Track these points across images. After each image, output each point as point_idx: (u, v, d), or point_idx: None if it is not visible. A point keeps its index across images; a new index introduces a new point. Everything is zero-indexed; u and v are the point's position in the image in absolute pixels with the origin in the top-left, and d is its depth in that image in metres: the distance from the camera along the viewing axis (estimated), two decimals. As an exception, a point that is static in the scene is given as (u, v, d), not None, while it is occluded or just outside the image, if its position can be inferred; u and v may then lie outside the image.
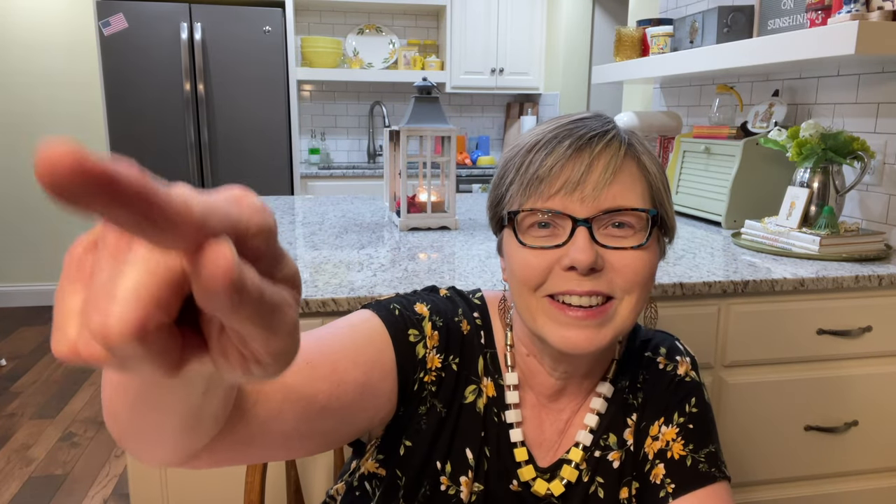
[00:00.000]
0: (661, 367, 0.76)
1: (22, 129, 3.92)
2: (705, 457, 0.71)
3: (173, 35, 3.25)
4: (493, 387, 0.73)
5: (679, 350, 0.78)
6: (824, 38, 1.40)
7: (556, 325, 0.64)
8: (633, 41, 2.29)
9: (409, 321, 0.70)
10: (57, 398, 2.83)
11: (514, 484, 0.72)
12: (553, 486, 0.71)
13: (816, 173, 1.53)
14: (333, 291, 1.18)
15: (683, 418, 0.73)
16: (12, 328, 3.70)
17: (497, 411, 0.72)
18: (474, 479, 0.71)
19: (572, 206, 0.63)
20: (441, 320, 0.71)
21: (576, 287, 0.63)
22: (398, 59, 3.96)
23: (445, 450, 0.70)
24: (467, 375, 0.72)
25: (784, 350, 1.37)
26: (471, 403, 0.72)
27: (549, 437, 0.73)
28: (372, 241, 1.62)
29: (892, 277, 1.36)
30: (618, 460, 0.72)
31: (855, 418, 1.43)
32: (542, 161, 0.64)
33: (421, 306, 0.72)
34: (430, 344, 0.70)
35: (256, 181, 3.46)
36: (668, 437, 0.72)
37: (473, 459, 0.70)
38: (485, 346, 0.74)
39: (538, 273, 0.64)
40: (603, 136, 0.64)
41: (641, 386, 0.75)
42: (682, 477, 0.70)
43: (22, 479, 2.23)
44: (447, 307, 0.74)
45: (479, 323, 0.75)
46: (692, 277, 1.29)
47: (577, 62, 3.84)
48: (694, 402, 0.74)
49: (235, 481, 1.20)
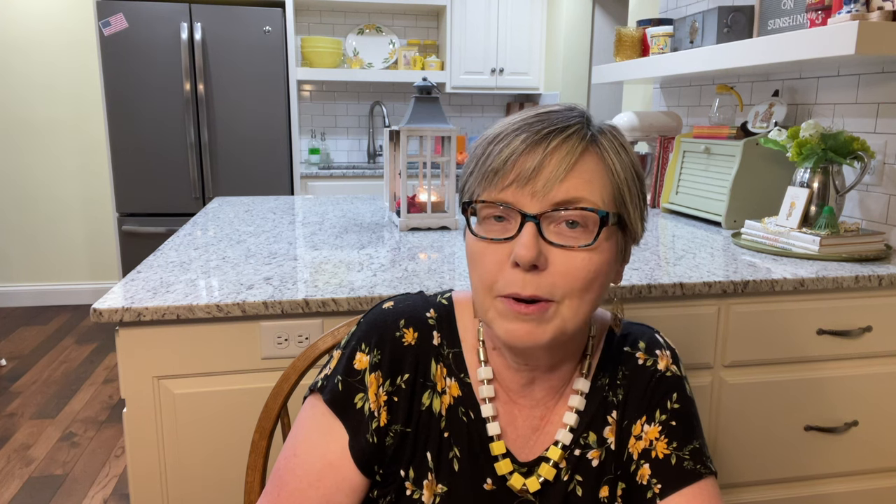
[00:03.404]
0: (640, 363, 0.74)
1: (22, 129, 3.92)
2: (690, 454, 0.70)
3: (173, 35, 3.25)
4: (458, 386, 0.73)
5: (659, 343, 0.76)
6: (824, 38, 1.40)
7: (503, 319, 0.64)
8: (633, 41, 2.29)
9: (353, 390, 0.71)
10: (57, 398, 2.83)
11: (488, 482, 0.71)
12: (529, 483, 0.71)
13: (816, 173, 1.53)
14: (333, 291, 1.18)
15: (666, 416, 0.72)
16: (12, 328, 3.70)
17: (465, 410, 0.72)
18: (437, 480, 0.71)
19: (523, 200, 0.63)
20: (378, 353, 0.72)
21: (519, 290, 0.62)
22: (398, 59, 3.96)
23: (409, 457, 0.72)
24: (422, 383, 0.72)
25: (784, 350, 1.37)
26: (428, 408, 0.72)
27: (523, 433, 0.73)
28: (372, 241, 1.62)
29: (892, 277, 1.36)
30: (597, 459, 0.72)
31: (855, 418, 1.43)
32: (499, 153, 0.64)
33: (360, 357, 0.72)
34: (372, 392, 0.71)
35: (256, 181, 3.46)
36: (652, 437, 0.71)
37: (433, 461, 0.71)
38: (442, 346, 0.74)
39: (491, 269, 0.64)
40: (563, 130, 0.63)
41: (622, 382, 0.74)
42: (668, 476, 0.69)
43: (22, 479, 2.23)
44: (386, 326, 0.73)
45: (434, 324, 0.74)
46: (692, 277, 1.29)
47: (577, 62, 3.84)
48: (676, 397, 0.73)
49: (235, 481, 1.20)
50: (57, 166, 4.00)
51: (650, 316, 1.29)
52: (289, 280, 1.25)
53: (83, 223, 4.10)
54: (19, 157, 3.96)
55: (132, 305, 1.09)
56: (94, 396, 2.85)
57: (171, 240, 1.61)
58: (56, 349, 3.39)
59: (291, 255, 1.45)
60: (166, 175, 3.37)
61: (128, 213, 3.38)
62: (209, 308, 1.11)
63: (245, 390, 1.17)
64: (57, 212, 4.05)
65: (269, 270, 1.32)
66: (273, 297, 1.14)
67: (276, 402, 0.92)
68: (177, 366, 1.14)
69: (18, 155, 3.95)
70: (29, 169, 3.98)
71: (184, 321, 1.12)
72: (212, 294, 1.15)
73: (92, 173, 4.05)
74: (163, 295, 1.15)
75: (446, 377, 0.73)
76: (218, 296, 1.14)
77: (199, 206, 3.43)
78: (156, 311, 1.09)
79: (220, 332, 1.14)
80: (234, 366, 1.16)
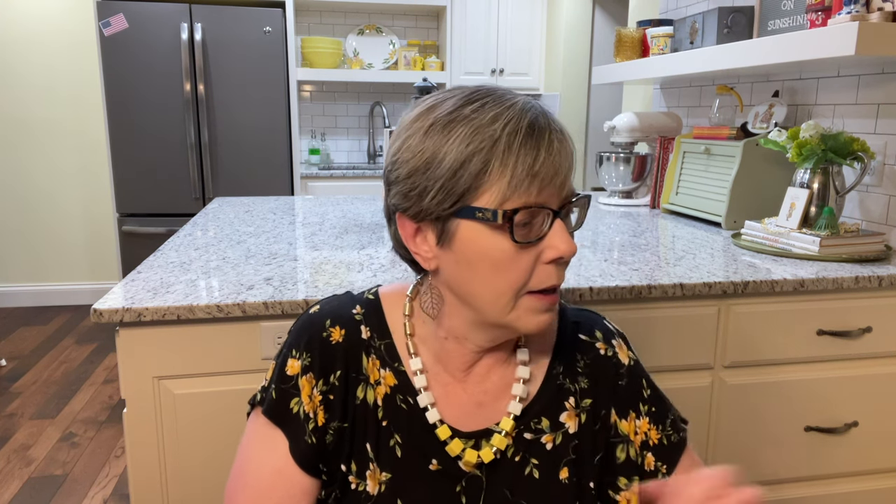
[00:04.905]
0: (602, 353, 0.77)
1: (22, 129, 3.92)
2: (671, 427, 0.77)
3: (173, 35, 3.25)
4: (393, 375, 0.74)
5: (611, 332, 0.80)
6: (824, 38, 1.40)
7: (533, 313, 0.67)
8: (633, 42, 2.29)
9: (287, 396, 0.72)
10: (57, 398, 2.83)
11: (433, 463, 0.73)
12: (483, 454, 0.72)
13: (816, 174, 1.53)
14: (333, 292, 1.18)
15: (647, 405, 0.76)
16: (12, 328, 3.70)
17: (403, 397, 0.73)
18: (380, 468, 0.72)
19: (550, 198, 0.65)
20: (308, 356, 0.73)
21: (556, 280, 0.66)
22: (398, 59, 3.96)
23: (348, 451, 0.73)
24: (355, 377, 0.73)
25: (784, 351, 1.37)
26: (363, 400, 0.73)
27: (468, 409, 0.74)
28: (372, 241, 1.62)
29: (892, 278, 1.36)
30: (551, 443, 0.74)
31: (855, 419, 1.43)
32: (525, 156, 0.62)
33: (291, 363, 0.73)
34: (306, 394, 0.72)
35: (256, 181, 3.46)
36: (644, 428, 0.76)
37: (373, 451, 0.72)
38: (373, 339, 0.75)
39: (525, 271, 0.65)
40: (547, 123, 0.65)
41: (583, 370, 0.76)
42: (666, 456, 0.75)
43: (22, 479, 2.23)
44: (313, 328, 0.74)
45: (361, 319, 0.75)
46: (692, 278, 1.29)
47: (577, 63, 3.84)
48: (645, 384, 0.78)
49: (235, 482, 1.20)
50: (57, 167, 4.00)
51: (650, 316, 1.29)
52: (289, 280, 1.25)
53: (83, 223, 4.10)
54: (20, 158, 3.96)
55: (132, 306, 1.09)
56: (94, 396, 2.86)
57: (172, 240, 1.61)
58: (56, 349, 3.39)
59: (291, 256, 1.45)
60: (166, 175, 3.37)
61: (128, 213, 3.38)
62: (209, 308, 1.11)
63: (245, 391, 1.17)
64: (57, 212, 4.05)
65: (269, 271, 1.32)
66: (273, 297, 1.14)
67: (276, 402, 0.92)
68: (177, 366, 1.14)
69: (19, 156, 3.95)
70: (29, 170, 3.98)
71: (184, 321, 1.12)
72: (212, 294, 1.15)
73: (92, 174, 4.05)
74: (163, 295, 1.15)
75: (380, 368, 0.74)
76: (218, 296, 1.14)
77: (199, 206, 3.43)
78: (156, 312, 1.10)
79: (220, 333, 1.14)
80: (234, 366, 1.16)
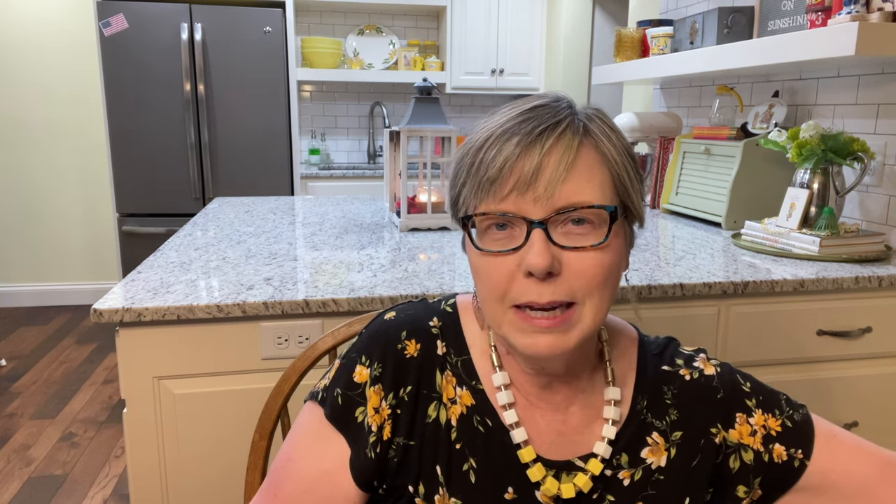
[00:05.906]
0: (688, 379, 0.72)
1: (22, 129, 3.93)
2: (788, 407, 0.71)
3: (173, 35, 3.25)
4: (470, 395, 0.70)
5: (688, 354, 0.75)
6: (824, 39, 1.40)
7: (520, 333, 0.62)
8: (633, 42, 2.29)
9: (353, 403, 0.70)
10: (57, 398, 2.83)
11: (509, 492, 0.69)
12: (564, 488, 0.68)
13: (816, 174, 1.53)
14: (333, 292, 1.18)
15: (753, 399, 0.72)
16: (12, 328, 3.70)
17: (481, 418, 0.69)
18: (449, 494, 0.69)
19: (526, 206, 0.60)
20: (379, 366, 0.70)
21: (536, 299, 0.60)
22: (398, 59, 3.96)
23: (416, 472, 0.69)
24: (427, 395, 0.70)
25: (784, 351, 1.37)
26: (434, 420, 0.69)
27: (548, 437, 0.70)
28: (372, 241, 1.62)
29: (892, 278, 1.36)
30: (628, 479, 0.70)
31: (855, 419, 1.43)
32: (492, 160, 0.61)
33: (360, 370, 0.70)
34: (372, 406, 0.69)
35: (256, 181, 3.46)
36: (761, 422, 0.71)
37: (443, 474, 0.69)
38: (449, 355, 0.71)
39: (501, 280, 0.62)
40: (555, 127, 0.61)
41: (672, 402, 0.72)
42: (796, 439, 0.70)
43: (22, 479, 2.23)
44: (388, 338, 0.71)
45: (437, 333, 0.72)
46: (692, 278, 1.29)
47: (577, 63, 3.84)
48: (740, 380, 0.73)
49: (236, 481, 1.20)
50: (57, 167, 4.00)
51: (650, 316, 1.29)
52: (289, 280, 1.25)
53: (83, 223, 4.10)
54: (20, 158, 3.96)
55: (132, 306, 1.09)
56: (94, 396, 2.85)
57: (172, 240, 1.61)
58: (56, 349, 3.39)
59: (291, 256, 1.45)
60: (166, 175, 3.37)
61: (128, 213, 3.38)
62: (209, 308, 1.11)
63: (245, 391, 1.17)
64: (57, 212, 4.05)
65: (269, 271, 1.32)
66: (273, 297, 1.14)
67: (276, 402, 0.92)
68: (177, 366, 1.14)
69: (19, 156, 3.95)
70: (29, 170, 3.98)
71: (184, 321, 1.12)
72: (212, 294, 1.15)
73: (92, 174, 4.05)
74: (163, 295, 1.15)
75: (455, 386, 0.70)
76: (218, 296, 1.14)
77: (199, 206, 3.43)
78: (156, 312, 1.10)
79: (220, 333, 1.14)
80: (234, 366, 1.16)
